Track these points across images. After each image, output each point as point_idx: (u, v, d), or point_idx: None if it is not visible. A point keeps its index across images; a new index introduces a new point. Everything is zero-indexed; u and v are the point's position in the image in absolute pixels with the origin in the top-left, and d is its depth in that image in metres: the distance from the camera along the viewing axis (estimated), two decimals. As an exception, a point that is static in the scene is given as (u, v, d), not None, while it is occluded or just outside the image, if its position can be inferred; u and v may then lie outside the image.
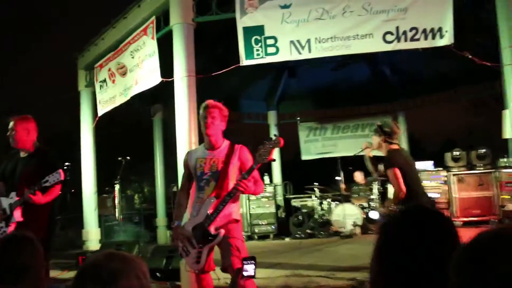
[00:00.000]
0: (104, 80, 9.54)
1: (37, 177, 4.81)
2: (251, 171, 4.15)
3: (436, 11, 7.20)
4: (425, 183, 11.92)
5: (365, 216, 11.37)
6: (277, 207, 12.91)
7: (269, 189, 12.56)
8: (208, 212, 4.20)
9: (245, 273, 3.77)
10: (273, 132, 15.30)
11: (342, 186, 12.41)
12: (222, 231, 4.18)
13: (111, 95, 9.37)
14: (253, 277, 3.78)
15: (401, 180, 5.37)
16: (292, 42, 7.34)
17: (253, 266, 3.78)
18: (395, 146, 5.73)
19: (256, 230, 12.21)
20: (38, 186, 4.77)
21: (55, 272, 8.05)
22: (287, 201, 14.06)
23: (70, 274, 7.79)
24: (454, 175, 11.83)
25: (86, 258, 7.70)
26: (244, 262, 3.81)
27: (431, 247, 1.46)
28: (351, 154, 13.20)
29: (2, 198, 5.06)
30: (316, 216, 12.00)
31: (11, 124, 5.21)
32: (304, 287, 6.16)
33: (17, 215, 4.88)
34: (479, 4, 8.33)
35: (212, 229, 4.18)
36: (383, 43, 7.34)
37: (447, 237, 1.51)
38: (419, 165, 12.63)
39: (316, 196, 12.38)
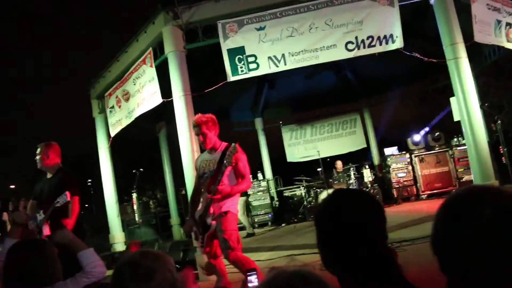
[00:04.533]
0: (113, 107, 9.44)
1: (53, 196, 4.72)
2: (220, 181, 4.11)
3: (386, 21, 7.22)
4: (393, 165, 12.05)
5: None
6: (271, 198, 12.88)
7: (263, 184, 12.57)
8: (204, 206, 4.23)
9: (250, 285, 3.63)
10: (261, 136, 15.31)
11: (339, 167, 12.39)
12: (214, 222, 4.19)
13: (118, 118, 9.28)
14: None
15: None
16: (269, 57, 7.32)
17: (255, 277, 3.64)
18: None
19: (256, 220, 12.18)
20: (52, 208, 4.66)
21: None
22: (279, 192, 14.01)
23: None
24: (415, 156, 11.91)
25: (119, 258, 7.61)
26: (248, 274, 3.68)
27: (352, 217, 1.42)
28: (329, 155, 13.25)
29: (37, 216, 4.96)
30: (305, 203, 11.95)
31: (38, 149, 5.14)
32: (303, 264, 6.08)
33: (46, 230, 4.77)
34: (421, 13, 8.38)
35: (208, 220, 4.20)
36: (345, 51, 7.34)
37: (367, 209, 1.45)
38: (386, 151, 12.67)
39: (303, 186, 12.34)
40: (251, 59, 7.27)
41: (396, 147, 12.75)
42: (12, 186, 22.12)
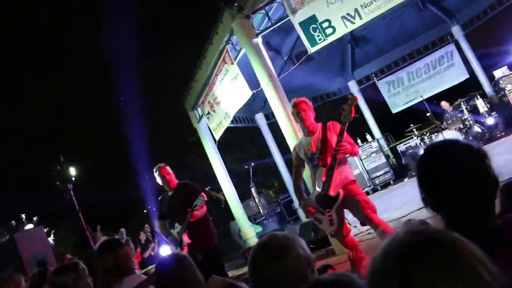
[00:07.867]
0: (209, 112, 9.73)
1: (186, 205, 5.01)
2: (342, 133, 4.03)
3: None
4: (508, 87, 10.94)
5: (466, 134, 10.67)
6: (387, 157, 12.48)
7: (374, 144, 12.20)
8: (322, 180, 4.14)
9: None
10: (360, 98, 14.86)
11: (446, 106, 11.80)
12: (341, 191, 4.10)
13: (217, 121, 9.54)
14: None
15: None
16: (343, 17, 7.05)
17: None
18: None
19: (377, 182, 11.89)
20: (192, 209, 4.96)
21: (232, 272, 8.30)
22: (392, 149, 13.56)
23: (244, 269, 7.97)
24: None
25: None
26: None
27: (455, 170, 1.40)
28: (432, 94, 12.54)
29: (171, 231, 5.29)
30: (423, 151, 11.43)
31: (157, 173, 5.48)
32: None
33: (185, 238, 5.09)
34: None
35: (331, 192, 4.10)
36: (420, -18, 6.86)
37: (471, 161, 1.41)
38: (496, 74, 11.54)
39: (416, 136, 11.83)
40: (325, 24, 7.05)
41: (505, 67, 11.63)
42: (145, 211, 23.85)
